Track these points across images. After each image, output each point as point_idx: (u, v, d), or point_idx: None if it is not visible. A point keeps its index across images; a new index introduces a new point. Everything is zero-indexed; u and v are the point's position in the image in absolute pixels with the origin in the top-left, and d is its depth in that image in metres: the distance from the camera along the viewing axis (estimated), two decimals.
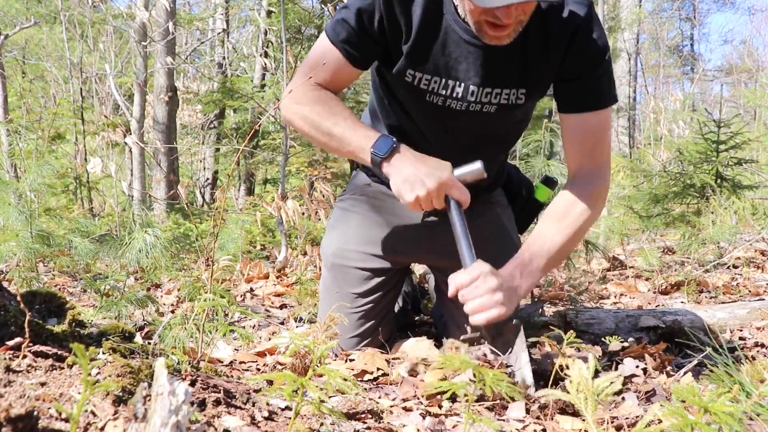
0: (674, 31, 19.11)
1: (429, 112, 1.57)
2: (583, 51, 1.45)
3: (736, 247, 3.30)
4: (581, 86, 1.48)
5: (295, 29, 6.77)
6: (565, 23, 1.42)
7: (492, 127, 1.62)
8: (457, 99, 1.52)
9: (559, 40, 1.43)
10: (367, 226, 1.82)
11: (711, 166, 3.54)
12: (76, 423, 0.61)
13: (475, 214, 1.78)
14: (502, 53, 1.43)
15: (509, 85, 1.50)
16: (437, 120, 1.59)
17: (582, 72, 1.47)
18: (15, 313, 1.03)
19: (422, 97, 1.54)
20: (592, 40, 1.44)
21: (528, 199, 1.92)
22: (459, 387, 0.93)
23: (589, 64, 1.46)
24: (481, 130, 1.62)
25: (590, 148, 1.51)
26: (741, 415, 0.91)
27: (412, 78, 1.51)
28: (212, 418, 0.95)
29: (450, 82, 1.50)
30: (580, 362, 0.99)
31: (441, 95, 1.52)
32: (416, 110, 1.60)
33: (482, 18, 1.30)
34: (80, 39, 7.65)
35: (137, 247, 2.19)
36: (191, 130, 9.50)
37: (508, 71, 1.48)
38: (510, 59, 1.46)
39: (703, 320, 2.06)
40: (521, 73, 1.49)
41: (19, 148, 5.74)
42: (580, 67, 1.46)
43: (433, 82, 1.51)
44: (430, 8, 1.43)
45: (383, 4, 1.42)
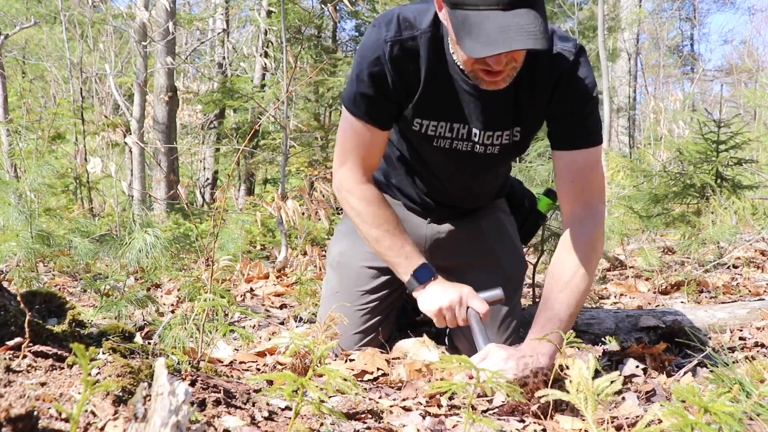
0: (674, 31, 19.11)
1: (436, 153, 1.65)
2: (569, 92, 1.51)
3: (736, 247, 3.30)
4: (569, 125, 1.55)
5: (295, 29, 6.78)
6: (551, 67, 1.48)
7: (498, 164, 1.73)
8: (463, 140, 1.60)
9: (546, 82, 1.50)
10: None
11: (711, 166, 3.54)
12: (76, 423, 0.61)
13: (478, 216, 1.86)
14: (496, 99, 1.51)
15: (506, 127, 1.59)
16: (444, 160, 1.68)
17: (569, 111, 1.54)
18: (15, 313, 1.03)
19: (430, 142, 1.62)
20: (578, 82, 1.51)
21: (531, 210, 2.01)
22: (459, 387, 0.93)
23: (576, 104, 1.53)
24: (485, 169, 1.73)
25: (581, 187, 1.56)
26: (741, 415, 0.91)
27: (419, 126, 1.59)
28: (212, 418, 0.95)
29: (455, 125, 1.58)
30: (580, 362, 0.99)
31: (447, 138, 1.60)
32: (426, 154, 1.69)
33: (476, 67, 1.37)
34: (80, 39, 7.65)
35: (137, 247, 2.18)
36: (191, 130, 9.50)
37: (503, 115, 1.56)
38: (504, 103, 1.54)
39: (703, 320, 2.06)
40: (515, 114, 1.57)
41: (19, 148, 5.75)
42: (566, 106, 1.53)
43: (440, 127, 1.59)
44: (434, 62, 1.51)
45: (391, 65, 1.48)
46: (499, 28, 1.22)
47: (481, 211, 1.90)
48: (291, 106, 6.50)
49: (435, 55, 1.50)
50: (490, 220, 1.87)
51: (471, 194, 1.83)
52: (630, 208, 3.70)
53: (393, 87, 1.52)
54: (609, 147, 5.88)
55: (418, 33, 1.48)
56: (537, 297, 2.55)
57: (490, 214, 1.88)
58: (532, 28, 1.22)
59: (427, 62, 1.50)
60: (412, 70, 1.51)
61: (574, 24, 10.12)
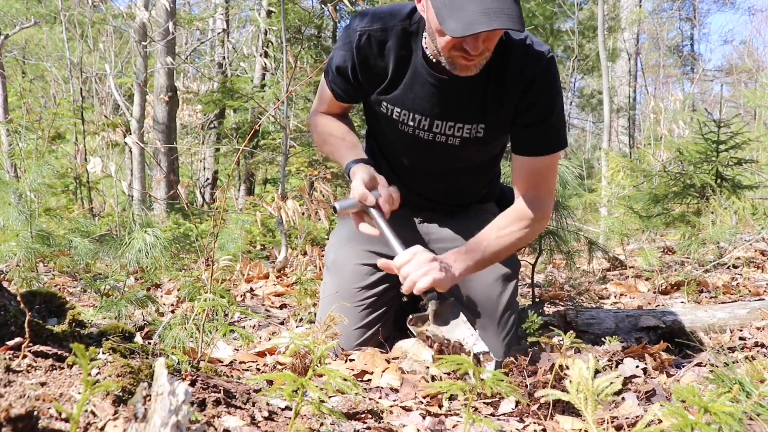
0: (674, 31, 19.10)
1: (402, 139, 1.77)
2: (535, 103, 1.61)
3: (736, 247, 3.30)
4: (531, 134, 1.66)
5: (295, 29, 6.78)
6: (523, 68, 1.57)
7: (461, 157, 1.80)
8: (424, 130, 1.71)
9: (517, 83, 1.59)
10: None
11: (711, 166, 3.54)
12: (76, 423, 0.61)
13: (468, 217, 1.95)
14: (461, 92, 1.62)
15: (469, 120, 1.68)
16: (410, 147, 1.79)
17: (532, 122, 1.63)
18: (15, 313, 1.03)
19: (396, 126, 1.75)
20: (544, 93, 1.60)
21: None
22: (459, 387, 0.93)
23: (540, 116, 1.63)
24: (452, 160, 1.81)
25: (534, 184, 1.69)
26: (741, 415, 0.91)
27: (386, 109, 1.73)
28: (212, 418, 0.95)
29: (416, 116, 1.70)
30: (580, 362, 0.99)
31: (410, 125, 1.72)
32: (393, 136, 1.80)
33: (453, 53, 1.46)
34: (80, 39, 7.65)
35: (137, 247, 2.18)
36: (191, 130, 9.50)
37: (467, 108, 1.66)
38: (469, 98, 1.64)
39: (703, 320, 2.06)
40: (480, 111, 1.66)
41: (19, 148, 5.75)
42: (530, 117, 1.63)
43: (403, 114, 1.71)
44: (402, 54, 1.64)
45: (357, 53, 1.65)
46: (481, 10, 1.32)
47: (470, 211, 1.96)
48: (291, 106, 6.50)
49: (403, 47, 1.63)
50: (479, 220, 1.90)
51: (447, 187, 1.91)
52: (630, 208, 3.70)
53: (354, 72, 1.68)
54: (609, 147, 5.88)
55: (390, 25, 1.62)
56: (537, 297, 2.56)
57: (478, 215, 1.94)
58: (510, 12, 1.33)
59: (396, 53, 1.63)
60: (378, 59, 1.65)
61: (574, 24, 10.12)
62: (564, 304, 2.57)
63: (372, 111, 1.81)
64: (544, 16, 10.34)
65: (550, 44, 10.66)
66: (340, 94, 1.78)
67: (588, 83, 13.89)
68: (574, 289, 2.83)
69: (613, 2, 11.47)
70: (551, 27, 10.96)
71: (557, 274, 3.35)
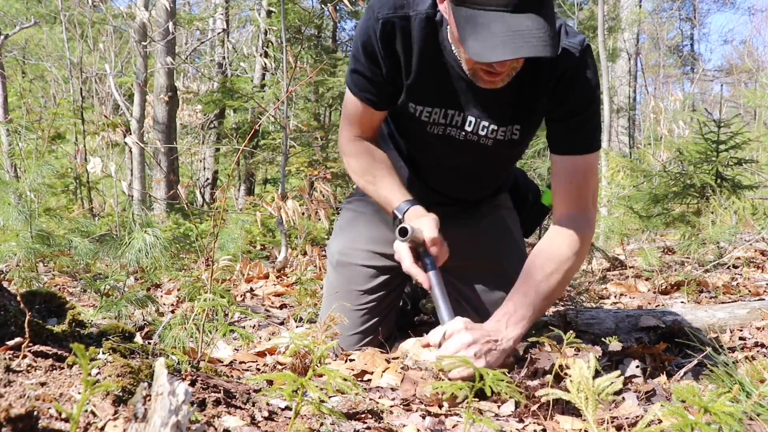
0: (674, 31, 19.10)
1: (430, 139, 1.64)
2: (571, 92, 1.47)
3: (736, 247, 3.30)
4: (568, 129, 1.52)
5: (295, 29, 6.78)
6: (554, 65, 1.44)
7: (491, 157, 1.68)
8: (456, 127, 1.58)
9: (549, 77, 1.46)
10: (374, 226, 1.86)
11: (711, 166, 3.54)
12: (76, 423, 0.61)
13: (480, 215, 1.84)
14: (496, 95, 1.48)
15: (504, 122, 1.56)
16: (438, 146, 1.66)
17: (569, 114, 1.50)
18: (15, 313, 1.03)
19: (424, 128, 1.61)
20: (581, 81, 1.47)
21: (534, 204, 1.97)
22: (459, 387, 0.93)
23: (577, 107, 1.49)
24: (481, 159, 1.69)
25: (576, 191, 1.53)
26: (741, 415, 0.91)
27: (413, 110, 1.58)
28: (212, 418, 0.95)
29: (450, 112, 1.56)
30: (580, 362, 0.99)
31: (441, 124, 1.59)
32: (419, 136, 1.67)
33: (477, 66, 1.35)
34: (80, 39, 7.65)
35: (137, 247, 2.18)
36: (191, 130, 9.50)
37: (502, 109, 1.54)
38: (504, 98, 1.51)
39: (703, 320, 2.06)
40: (514, 111, 1.54)
41: (19, 148, 5.74)
42: (565, 109, 1.50)
43: (434, 113, 1.57)
44: (428, 44, 1.47)
45: (381, 44, 1.47)
46: (507, 32, 1.17)
47: (483, 207, 1.86)
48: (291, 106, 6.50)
49: (430, 38, 1.46)
50: (492, 219, 1.85)
51: (468, 185, 1.81)
52: (630, 208, 3.70)
53: (385, 66, 1.50)
54: (609, 147, 5.88)
55: (413, 14, 1.45)
56: None
57: (492, 212, 1.86)
58: (541, 34, 1.18)
59: (421, 45, 1.47)
60: (403, 50, 1.48)
61: (574, 24, 10.11)
62: (564, 304, 2.57)
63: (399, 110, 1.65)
64: None
65: None
66: (373, 98, 1.58)
67: None
68: (574, 289, 2.83)
69: (613, 2, 11.46)
70: None
71: None
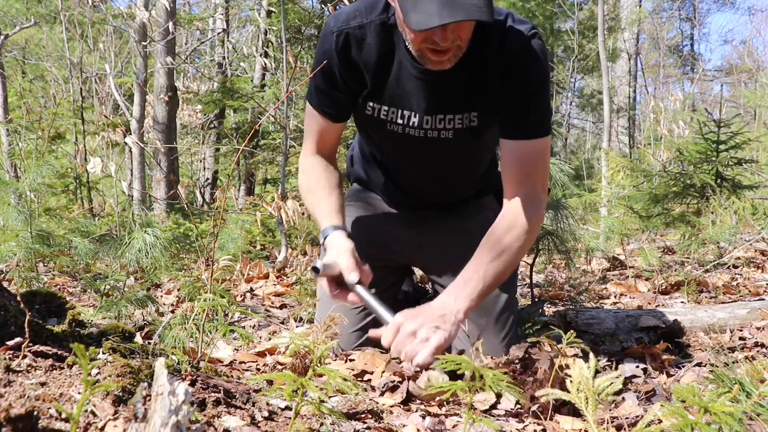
0: (674, 31, 19.10)
1: (392, 140, 1.67)
2: (519, 77, 1.50)
3: (736, 247, 3.30)
4: (517, 114, 1.54)
5: (295, 29, 6.77)
6: (501, 47, 1.48)
7: (456, 151, 1.70)
8: (414, 127, 1.61)
9: (496, 63, 1.49)
10: (363, 226, 1.89)
11: (711, 166, 3.53)
12: (76, 423, 0.61)
13: (465, 216, 1.84)
14: (446, 81, 1.52)
15: (459, 110, 1.58)
16: (402, 147, 1.69)
17: (517, 98, 1.52)
18: (15, 313, 1.03)
19: (384, 127, 1.64)
20: (529, 66, 1.50)
21: None
22: (459, 387, 0.93)
23: (525, 91, 1.52)
24: (447, 156, 1.71)
25: (524, 175, 1.55)
26: (741, 415, 0.91)
27: (372, 110, 1.63)
28: (212, 418, 0.95)
29: (405, 113, 1.60)
30: (580, 362, 0.99)
31: (399, 124, 1.62)
32: (382, 139, 1.73)
33: (423, 46, 1.38)
34: (80, 39, 7.65)
35: (137, 247, 2.18)
36: (191, 130, 9.50)
37: (454, 98, 1.57)
38: (455, 87, 1.54)
39: (703, 320, 2.06)
40: (467, 98, 1.56)
41: (19, 148, 5.74)
42: (515, 93, 1.52)
43: (391, 113, 1.62)
44: (384, 48, 1.54)
45: (338, 56, 1.54)
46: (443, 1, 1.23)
47: (469, 209, 1.87)
48: (291, 106, 6.50)
49: (385, 42, 1.53)
50: (478, 220, 1.82)
51: (443, 185, 1.82)
52: (630, 208, 3.70)
53: (341, 78, 1.57)
54: (609, 147, 5.87)
55: (366, 22, 1.52)
56: (536, 297, 2.55)
57: (477, 213, 1.85)
58: (476, 1, 1.24)
59: (377, 49, 1.53)
60: (360, 58, 1.54)
61: (574, 24, 10.12)
62: (564, 304, 2.57)
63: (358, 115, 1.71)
64: (544, 16, 10.33)
65: (550, 44, 10.66)
66: (330, 111, 1.66)
67: (588, 83, 13.88)
68: (574, 289, 2.83)
69: (613, 2, 11.46)
70: (551, 27, 10.96)
71: (557, 274, 3.35)
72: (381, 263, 1.82)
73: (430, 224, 1.87)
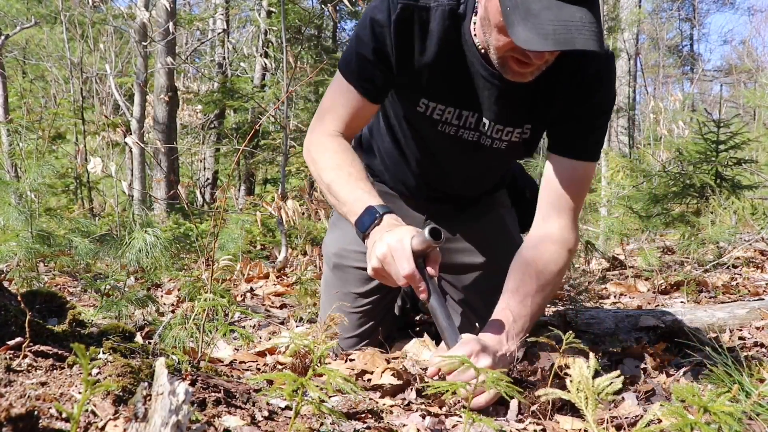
0: (674, 31, 19.11)
1: (437, 139, 1.55)
2: (590, 96, 1.43)
3: (736, 247, 3.30)
4: (579, 131, 1.46)
5: (295, 29, 6.78)
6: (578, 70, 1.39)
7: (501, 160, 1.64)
8: (470, 129, 1.50)
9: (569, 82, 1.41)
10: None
11: (710, 166, 3.54)
12: (76, 423, 0.61)
13: (478, 213, 1.81)
14: (516, 91, 1.40)
15: (520, 123, 1.49)
16: (445, 147, 1.57)
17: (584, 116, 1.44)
18: (15, 313, 1.03)
19: (435, 126, 1.51)
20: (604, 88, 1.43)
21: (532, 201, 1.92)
22: (459, 387, 0.93)
23: (593, 110, 1.45)
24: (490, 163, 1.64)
25: (569, 198, 1.45)
26: (740, 415, 0.91)
27: (425, 108, 1.48)
28: (212, 417, 0.96)
29: (464, 113, 1.47)
30: (580, 361, 0.99)
31: (454, 125, 1.50)
32: (428, 136, 1.57)
33: (509, 54, 1.26)
34: (81, 39, 7.65)
35: (137, 247, 2.19)
36: (191, 130, 9.50)
37: (520, 110, 1.47)
38: (524, 99, 1.44)
39: (703, 320, 2.06)
40: (529, 111, 1.48)
41: (20, 148, 5.75)
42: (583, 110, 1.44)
43: (447, 112, 1.48)
44: (449, 38, 1.38)
45: (395, 30, 1.36)
46: (558, 21, 1.11)
47: (481, 205, 1.82)
48: (291, 106, 6.50)
49: (451, 32, 1.38)
50: (490, 218, 1.82)
51: (472, 185, 1.75)
52: (630, 208, 3.71)
53: (393, 54, 1.39)
54: (609, 147, 5.88)
55: (434, 5, 1.36)
56: None
57: (490, 211, 1.82)
58: (593, 28, 1.13)
59: (441, 39, 1.38)
60: (418, 43, 1.38)
61: None
62: (564, 304, 2.58)
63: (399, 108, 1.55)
64: None
65: None
66: (371, 88, 1.44)
67: None
68: (573, 289, 2.83)
69: (613, 2, 11.46)
70: None
71: None
72: None
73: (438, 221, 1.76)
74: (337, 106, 1.48)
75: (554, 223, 1.45)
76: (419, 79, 1.43)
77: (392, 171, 1.75)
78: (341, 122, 1.48)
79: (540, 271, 1.41)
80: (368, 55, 1.40)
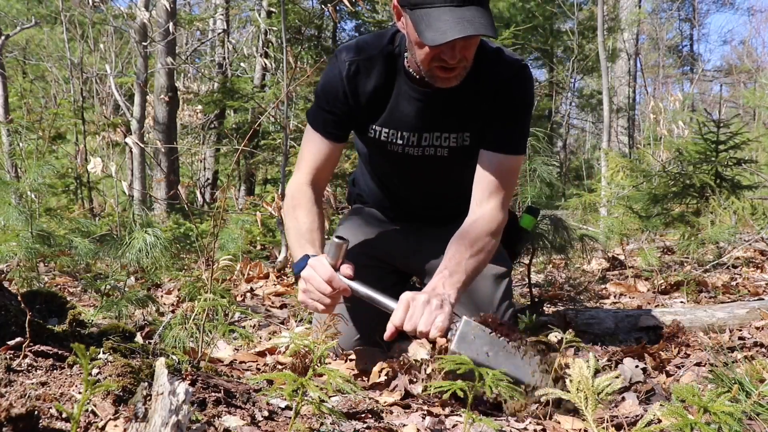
0: (673, 31, 19.10)
1: (392, 160, 1.80)
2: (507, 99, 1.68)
3: (736, 247, 3.30)
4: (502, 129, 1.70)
5: (295, 29, 6.78)
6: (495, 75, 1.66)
7: (451, 169, 1.82)
8: (413, 145, 1.74)
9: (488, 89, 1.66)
10: (363, 233, 1.96)
11: (710, 166, 3.53)
12: (76, 422, 0.61)
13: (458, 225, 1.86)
14: (442, 103, 1.68)
15: (453, 129, 1.73)
16: (401, 166, 1.81)
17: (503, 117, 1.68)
18: (16, 313, 1.03)
19: (384, 148, 1.77)
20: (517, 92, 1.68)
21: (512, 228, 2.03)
22: (459, 387, 0.94)
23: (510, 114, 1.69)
24: (442, 173, 1.83)
25: (497, 186, 1.69)
26: (740, 415, 0.91)
27: (373, 132, 1.76)
28: (212, 417, 0.96)
29: (405, 133, 1.73)
30: (580, 361, 0.99)
31: (399, 144, 1.75)
32: (383, 160, 1.84)
33: (433, 65, 1.53)
34: (81, 39, 7.66)
35: (137, 247, 2.19)
36: (191, 130, 9.50)
37: (449, 117, 1.71)
38: (450, 107, 1.70)
39: (703, 320, 2.06)
40: (461, 118, 1.71)
41: (20, 148, 5.75)
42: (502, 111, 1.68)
43: (391, 134, 1.74)
44: (388, 76, 1.70)
45: (347, 82, 1.68)
46: (455, 19, 1.40)
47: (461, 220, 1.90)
48: (291, 106, 6.51)
49: (389, 70, 1.69)
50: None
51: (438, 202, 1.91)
52: (630, 208, 3.70)
53: (347, 102, 1.70)
54: (609, 147, 5.88)
55: (375, 53, 1.69)
56: (536, 297, 2.56)
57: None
58: (483, 20, 1.42)
59: (383, 76, 1.69)
60: (367, 86, 1.70)
61: (573, 24, 10.12)
62: (564, 304, 2.58)
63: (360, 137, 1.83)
64: (543, 17, 10.34)
65: (550, 44, 10.66)
66: (333, 131, 1.76)
67: (588, 83, 13.89)
68: (573, 289, 2.83)
69: (613, 3, 11.47)
70: (551, 27, 10.97)
71: (556, 273, 3.36)
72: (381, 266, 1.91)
73: (424, 232, 1.96)
74: (307, 154, 1.79)
75: (485, 207, 1.69)
76: (367, 111, 1.73)
77: (373, 197, 2.01)
78: (311, 171, 1.79)
79: (473, 240, 1.63)
80: (327, 107, 1.73)
